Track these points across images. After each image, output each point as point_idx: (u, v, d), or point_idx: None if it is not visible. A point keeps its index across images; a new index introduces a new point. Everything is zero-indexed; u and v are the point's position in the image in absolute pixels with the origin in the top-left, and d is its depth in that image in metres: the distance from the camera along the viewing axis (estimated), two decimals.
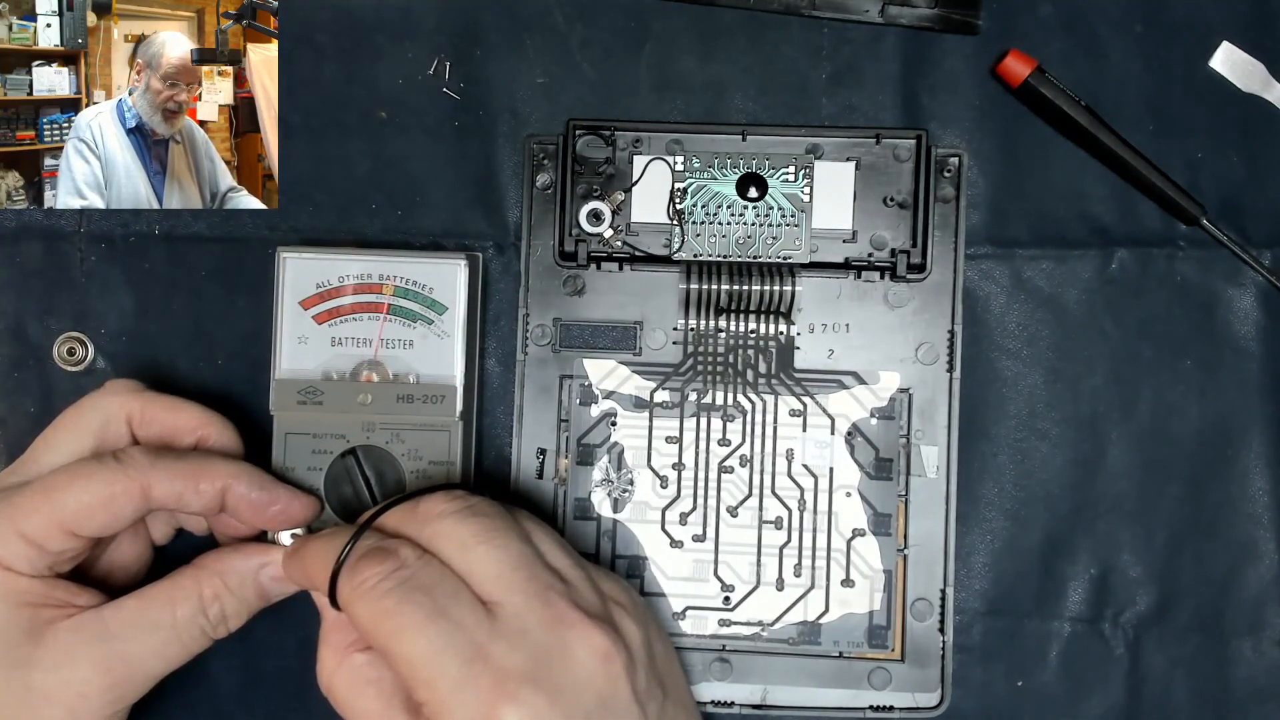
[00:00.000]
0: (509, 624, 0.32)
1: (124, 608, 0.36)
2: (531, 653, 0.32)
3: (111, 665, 0.36)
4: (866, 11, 0.44)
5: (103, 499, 0.35)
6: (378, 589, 0.32)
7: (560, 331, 0.43)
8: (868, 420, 0.43)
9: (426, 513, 0.34)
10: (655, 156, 0.43)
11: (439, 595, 0.32)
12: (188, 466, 0.36)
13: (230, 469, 0.37)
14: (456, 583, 0.33)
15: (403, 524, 0.34)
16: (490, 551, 0.33)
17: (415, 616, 0.31)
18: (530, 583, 0.33)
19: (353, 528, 0.35)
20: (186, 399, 0.40)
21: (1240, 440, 0.43)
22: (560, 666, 0.32)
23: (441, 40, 0.44)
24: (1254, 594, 0.43)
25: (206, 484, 0.36)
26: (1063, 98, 0.42)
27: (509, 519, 0.35)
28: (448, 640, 0.31)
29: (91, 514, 0.35)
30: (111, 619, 0.36)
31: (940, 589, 0.42)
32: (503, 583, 0.33)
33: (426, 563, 0.33)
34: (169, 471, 0.36)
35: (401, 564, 0.32)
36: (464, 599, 0.32)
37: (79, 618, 0.36)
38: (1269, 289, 0.43)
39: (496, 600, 0.32)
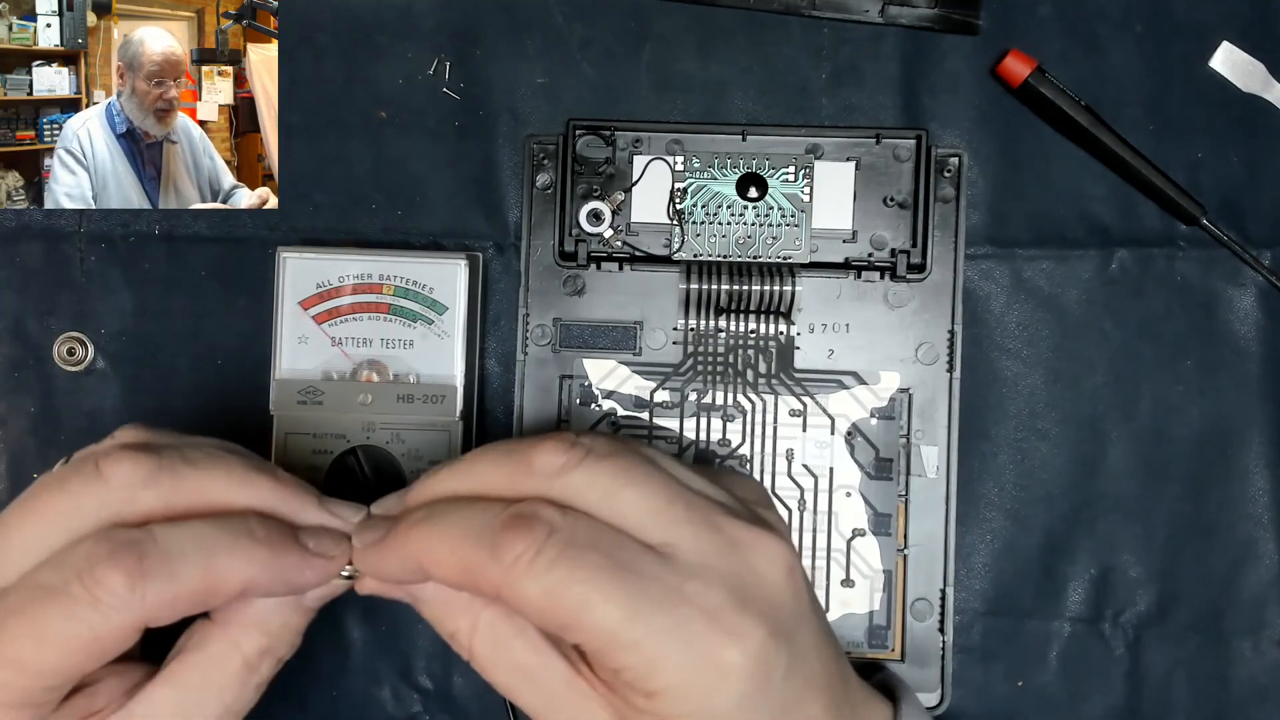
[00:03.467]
0: (691, 560, 0.29)
1: (156, 701, 0.30)
2: (727, 584, 0.29)
3: None
4: (866, 11, 0.44)
5: (86, 644, 0.28)
6: (540, 562, 0.28)
7: (560, 331, 0.43)
8: (868, 420, 0.43)
9: (545, 468, 0.30)
10: (655, 156, 0.43)
11: (610, 550, 0.28)
12: (190, 580, 0.29)
13: (244, 558, 0.29)
14: (616, 533, 0.29)
15: (517, 484, 0.30)
16: (637, 493, 0.29)
17: (598, 578, 0.28)
18: (690, 513, 0.30)
19: (416, 495, 0.31)
20: (243, 461, 0.32)
21: (1240, 440, 0.43)
22: (757, 590, 0.29)
23: (441, 40, 0.44)
24: (1254, 594, 0.43)
25: (219, 596, 0.30)
26: (1063, 98, 0.42)
27: (635, 452, 0.31)
28: (642, 594, 0.28)
29: (76, 660, 0.29)
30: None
31: (940, 589, 0.42)
32: (663, 521, 0.29)
33: (576, 519, 0.29)
34: (161, 598, 0.29)
35: (552, 527, 0.28)
36: (635, 547, 0.29)
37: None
38: (1269, 289, 0.43)
39: (665, 541, 0.29)
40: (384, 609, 0.44)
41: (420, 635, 0.44)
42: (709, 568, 0.29)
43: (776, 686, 0.29)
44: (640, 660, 0.28)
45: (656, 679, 0.28)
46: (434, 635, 0.44)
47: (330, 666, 0.44)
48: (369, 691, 0.44)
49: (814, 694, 0.30)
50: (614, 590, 0.28)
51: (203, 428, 0.44)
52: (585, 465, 0.30)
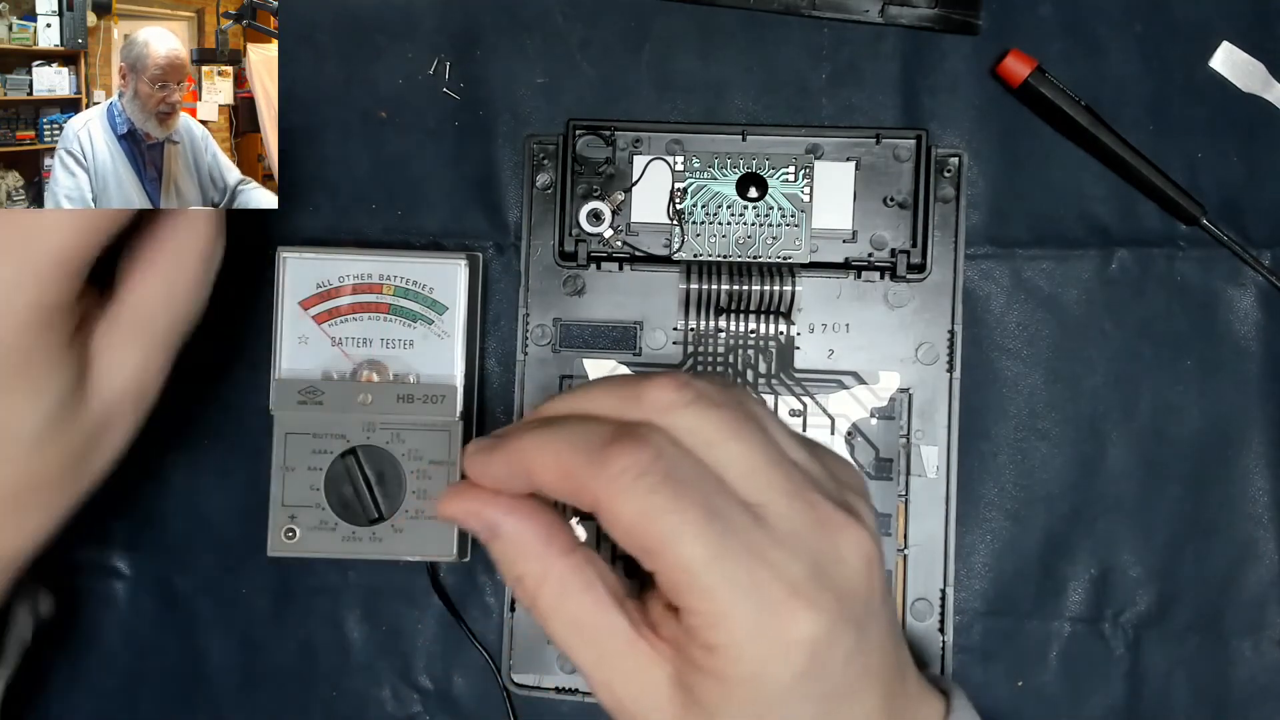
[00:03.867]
0: (781, 527, 0.29)
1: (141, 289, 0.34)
2: (810, 559, 0.29)
3: None
4: (866, 11, 0.44)
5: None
6: (642, 483, 0.28)
7: (560, 331, 0.43)
8: (868, 420, 0.43)
9: (656, 402, 0.30)
10: (655, 156, 0.43)
11: (709, 493, 0.29)
12: None
13: None
14: (718, 480, 0.29)
15: (627, 412, 0.30)
16: (742, 449, 0.29)
17: (693, 516, 0.28)
18: (788, 482, 0.30)
19: (538, 415, 0.31)
20: None
21: (1240, 440, 0.43)
22: (837, 572, 0.29)
23: (441, 40, 0.44)
24: (1254, 594, 0.43)
25: None
26: (1063, 98, 0.42)
27: (745, 406, 0.31)
28: (729, 544, 0.28)
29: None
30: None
31: (940, 589, 0.42)
32: (760, 482, 0.29)
33: (684, 455, 0.29)
34: None
35: (659, 453, 0.28)
36: (732, 500, 0.29)
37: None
38: (1269, 289, 0.43)
39: (759, 502, 0.29)
40: (384, 609, 0.44)
41: (420, 635, 0.44)
42: (797, 538, 0.29)
43: (836, 670, 0.29)
44: (710, 608, 0.28)
45: (719, 632, 0.28)
46: (434, 635, 0.44)
47: (330, 666, 0.44)
48: (369, 691, 0.44)
49: (871, 684, 0.30)
50: (703, 531, 0.28)
51: (203, 428, 0.44)
52: (694, 408, 0.30)
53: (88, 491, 0.34)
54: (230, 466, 0.44)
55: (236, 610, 0.44)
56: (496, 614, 0.44)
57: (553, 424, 0.30)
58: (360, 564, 0.44)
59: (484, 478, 0.31)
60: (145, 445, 0.44)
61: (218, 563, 0.44)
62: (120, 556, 0.44)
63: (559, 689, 0.42)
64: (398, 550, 0.40)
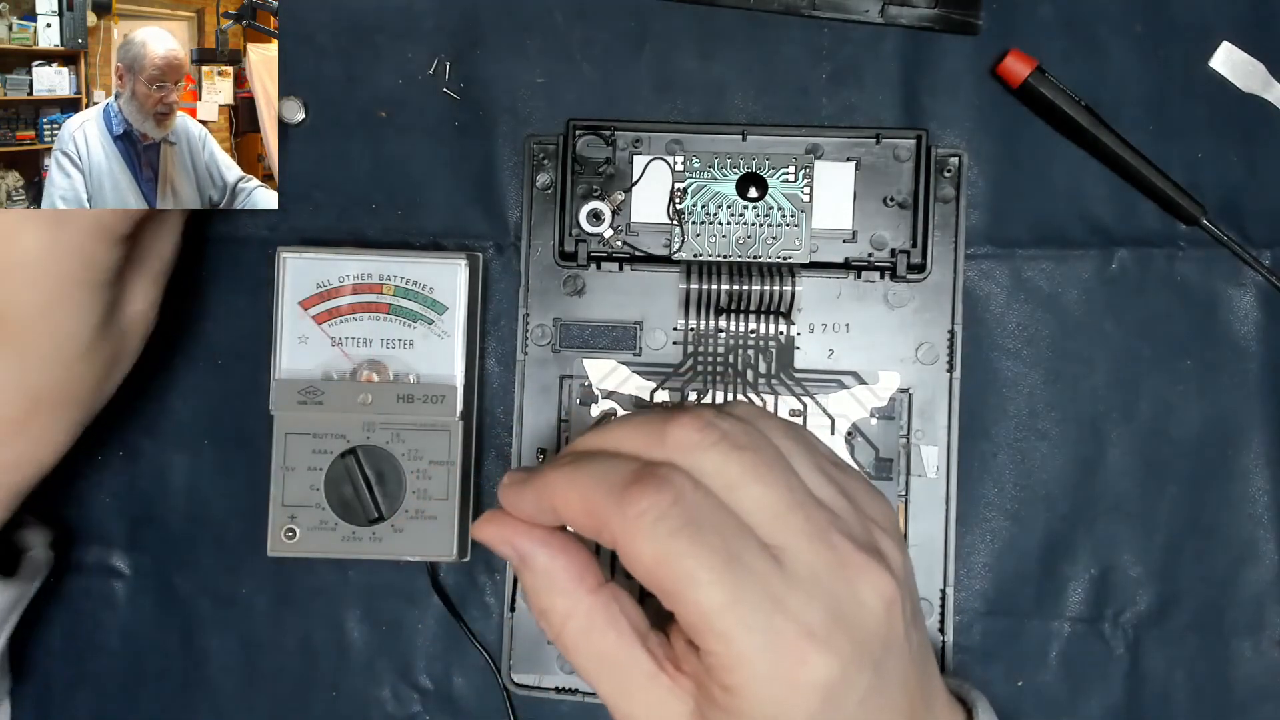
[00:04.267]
0: (800, 572, 0.29)
1: None
2: (827, 603, 0.29)
3: None
4: (866, 11, 0.44)
5: None
6: (662, 525, 0.29)
7: (560, 331, 0.43)
8: (868, 420, 0.43)
9: (680, 443, 0.30)
10: (655, 156, 0.43)
11: (729, 537, 0.29)
12: None
13: None
14: (740, 523, 0.30)
15: (651, 451, 0.31)
16: (763, 492, 0.30)
17: (711, 561, 0.28)
18: (809, 524, 0.30)
19: (569, 451, 0.32)
20: None
21: (1240, 440, 0.43)
22: (854, 615, 0.30)
23: (441, 40, 0.44)
24: (1254, 594, 0.43)
25: None
26: (1063, 98, 0.42)
27: (770, 447, 0.31)
28: (746, 589, 0.28)
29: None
30: None
31: (940, 589, 0.42)
32: (781, 525, 0.30)
33: (706, 496, 0.29)
34: None
35: (679, 495, 0.29)
36: (751, 543, 0.29)
37: None
38: (1269, 289, 0.43)
39: (779, 545, 0.30)
40: (384, 609, 0.44)
41: (420, 635, 0.44)
42: (815, 582, 0.29)
43: (851, 710, 0.30)
44: (726, 650, 0.29)
45: (736, 674, 0.29)
46: (434, 635, 0.44)
47: (330, 666, 0.44)
48: (369, 691, 0.44)
49: (891, 718, 0.31)
50: (721, 577, 0.28)
51: (203, 428, 0.44)
52: (717, 450, 0.30)
53: (98, 409, 0.39)
54: (230, 466, 0.44)
55: (236, 610, 0.44)
56: (496, 614, 0.44)
57: (579, 460, 0.31)
58: (360, 564, 0.44)
59: (517, 511, 0.32)
60: (145, 445, 0.44)
61: (218, 563, 0.44)
62: (120, 556, 0.44)
63: (559, 689, 0.42)
64: (398, 550, 0.40)
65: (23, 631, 0.44)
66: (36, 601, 0.43)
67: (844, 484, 0.33)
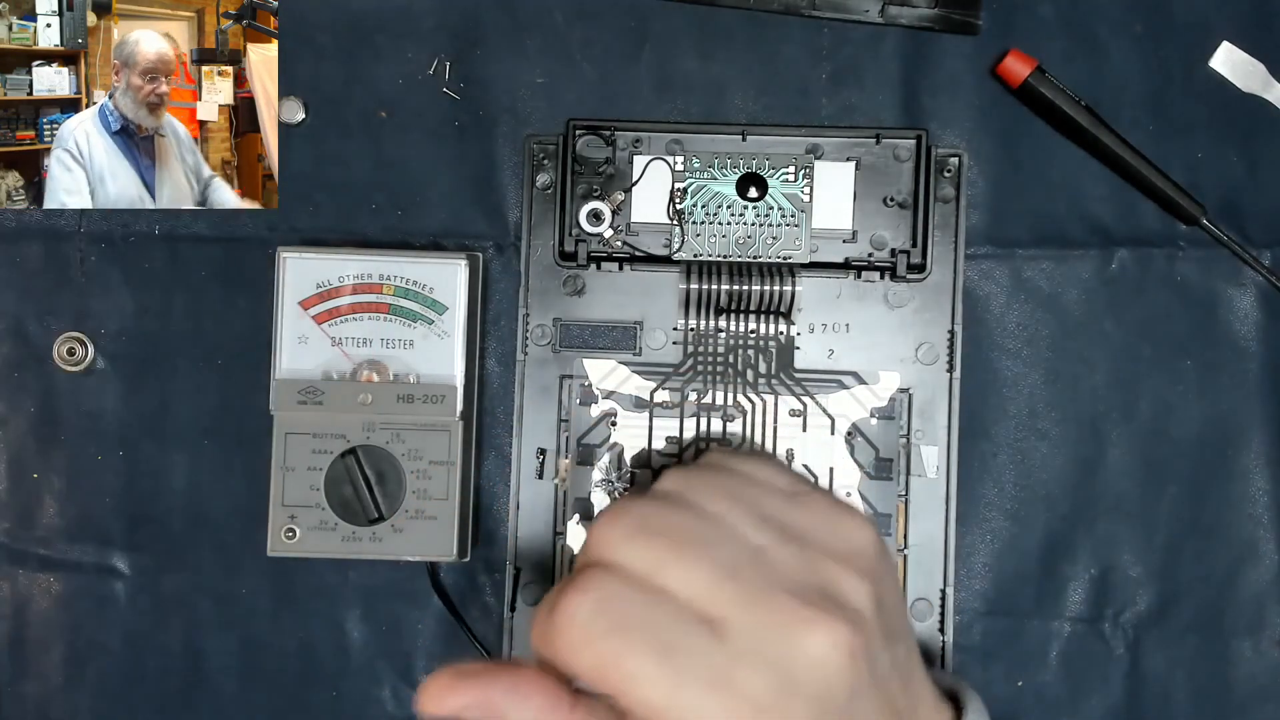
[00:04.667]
0: (742, 643, 0.28)
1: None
2: (774, 668, 0.28)
3: None
4: (866, 11, 0.44)
5: None
6: (593, 629, 0.28)
7: (560, 331, 0.43)
8: (868, 420, 0.43)
9: (598, 541, 0.30)
10: (655, 156, 0.43)
11: (662, 625, 0.28)
12: None
13: None
14: (674, 606, 0.29)
15: (580, 559, 0.31)
16: (688, 570, 0.29)
17: (646, 655, 0.28)
18: (744, 590, 0.29)
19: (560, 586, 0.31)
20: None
21: (1240, 440, 0.43)
22: (808, 675, 0.29)
23: (441, 40, 0.44)
24: (1254, 594, 0.43)
25: None
26: (1063, 98, 0.42)
27: (688, 514, 0.30)
28: (688, 675, 0.28)
29: None
30: None
31: (940, 589, 0.42)
32: (715, 597, 0.29)
33: (633, 589, 0.29)
34: None
35: (603, 596, 0.29)
36: (688, 624, 0.29)
37: None
38: (1269, 289, 0.43)
39: (717, 616, 0.29)
40: (384, 609, 0.44)
41: (420, 635, 0.44)
42: (758, 652, 0.29)
43: None
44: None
45: None
46: (434, 635, 0.44)
47: (330, 666, 0.44)
48: (369, 691, 0.44)
49: None
50: (660, 669, 0.28)
51: (203, 428, 0.44)
52: (634, 540, 0.30)
53: None
54: (230, 466, 0.44)
55: (236, 610, 0.44)
56: (496, 614, 0.44)
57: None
58: (360, 564, 0.44)
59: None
60: (145, 445, 0.44)
61: (217, 563, 0.44)
62: (120, 556, 0.44)
63: None
64: (398, 550, 0.40)
65: (23, 631, 0.44)
66: (36, 601, 0.43)
67: (797, 524, 0.31)
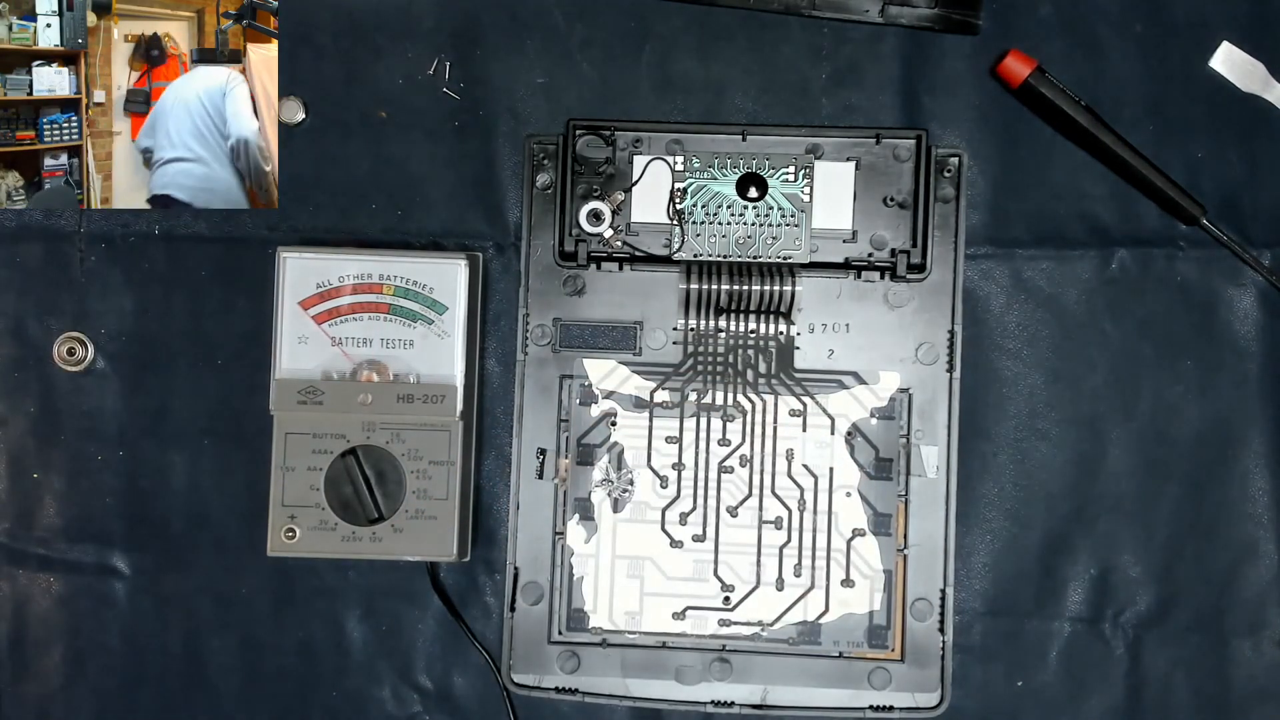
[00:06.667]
0: None
1: None
2: None
3: None
4: (866, 11, 0.44)
5: None
6: None
7: (560, 331, 0.43)
8: (868, 420, 0.43)
9: None
10: (655, 156, 0.43)
11: None
12: None
13: None
14: None
15: None
16: None
17: None
18: None
19: None
20: None
21: (1240, 440, 0.43)
22: None
23: (441, 40, 0.44)
24: (1254, 594, 0.43)
25: None
26: (1063, 98, 0.42)
27: None
28: None
29: None
30: None
31: (940, 589, 0.42)
32: None
33: None
34: None
35: None
36: None
37: None
38: (1269, 289, 0.43)
39: None
40: (384, 609, 0.44)
41: (420, 635, 0.44)
42: None
43: None
44: None
45: None
46: (434, 635, 0.44)
47: (330, 666, 0.44)
48: (369, 691, 0.44)
49: None
50: None
51: (202, 428, 0.44)
52: None
53: None
54: (230, 466, 0.44)
55: (236, 610, 0.44)
56: (496, 614, 0.44)
57: None
58: (360, 564, 0.44)
59: None
60: (145, 445, 0.44)
61: (218, 563, 0.44)
62: (120, 556, 0.44)
63: (559, 689, 0.42)
64: (398, 550, 0.40)
65: (23, 631, 0.44)
66: (36, 601, 0.43)
67: None
